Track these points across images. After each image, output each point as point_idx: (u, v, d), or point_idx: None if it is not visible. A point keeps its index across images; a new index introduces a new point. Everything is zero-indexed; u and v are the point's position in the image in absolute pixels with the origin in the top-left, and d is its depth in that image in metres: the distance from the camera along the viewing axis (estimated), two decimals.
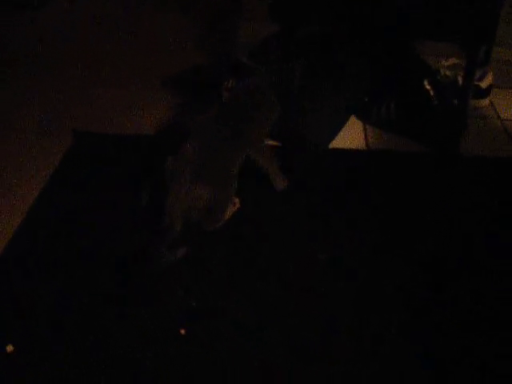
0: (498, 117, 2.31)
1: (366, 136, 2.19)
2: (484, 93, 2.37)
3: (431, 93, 2.23)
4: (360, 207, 1.84)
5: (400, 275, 1.59)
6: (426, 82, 2.24)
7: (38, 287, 1.56)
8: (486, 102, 2.38)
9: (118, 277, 1.57)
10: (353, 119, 2.26)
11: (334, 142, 2.14)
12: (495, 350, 1.41)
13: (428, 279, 1.58)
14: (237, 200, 1.81)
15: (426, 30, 2.14)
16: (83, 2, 3.30)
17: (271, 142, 2.05)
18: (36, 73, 2.61)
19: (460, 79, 2.20)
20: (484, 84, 2.36)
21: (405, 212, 1.83)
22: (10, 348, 1.39)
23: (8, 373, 1.35)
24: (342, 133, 2.19)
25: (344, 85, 2.20)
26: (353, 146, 2.13)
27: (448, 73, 2.29)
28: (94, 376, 1.34)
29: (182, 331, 1.43)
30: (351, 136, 2.18)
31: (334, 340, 1.42)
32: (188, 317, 1.47)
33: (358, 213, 1.81)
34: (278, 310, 1.49)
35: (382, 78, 2.25)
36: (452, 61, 2.36)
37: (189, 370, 1.36)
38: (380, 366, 1.37)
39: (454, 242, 1.70)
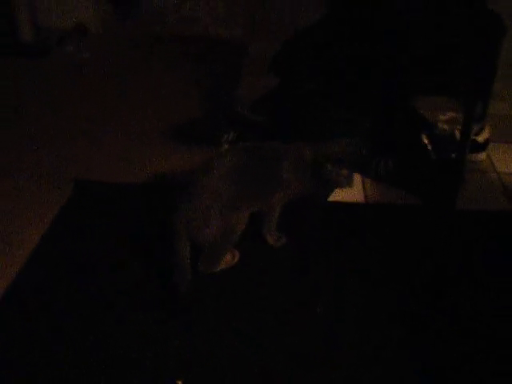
0: (495, 170, 2.33)
1: (364, 189, 2.21)
2: (481, 147, 2.40)
3: (429, 147, 2.26)
4: (357, 255, 1.87)
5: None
6: (423, 136, 2.27)
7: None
8: (483, 156, 2.41)
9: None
10: None
11: (332, 195, 2.15)
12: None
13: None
14: (237, 253, 1.80)
15: (424, 84, 2.19)
16: (88, 48, 3.39)
17: None
18: (41, 119, 2.66)
19: (457, 133, 2.23)
20: (481, 138, 2.39)
21: (400, 260, 1.86)
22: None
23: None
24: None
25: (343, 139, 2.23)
26: (351, 199, 2.14)
27: (445, 127, 2.32)
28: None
29: None
30: (350, 189, 2.19)
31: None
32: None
33: (356, 259, 1.86)
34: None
35: (380, 133, 2.28)
36: (449, 115, 2.39)
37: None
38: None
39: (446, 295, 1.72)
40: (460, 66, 2.13)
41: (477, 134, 2.37)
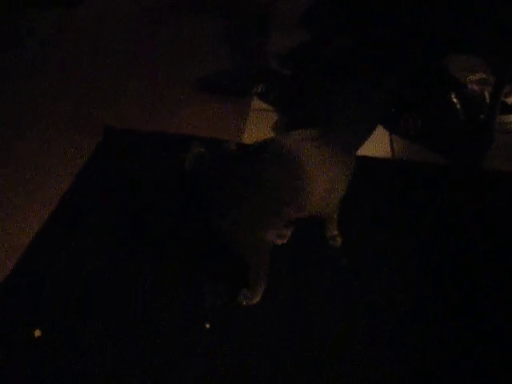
0: None
1: (391, 145, 2.21)
2: (510, 109, 2.39)
3: (458, 106, 2.25)
4: (381, 208, 1.89)
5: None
6: (452, 96, 2.26)
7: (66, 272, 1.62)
8: (511, 117, 2.40)
9: None
10: (380, 129, 2.29)
11: (360, 149, 2.16)
12: None
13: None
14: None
15: (455, 43, 2.17)
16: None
17: None
18: (73, 68, 2.69)
19: (487, 94, 2.22)
20: (511, 100, 2.38)
21: (422, 217, 1.86)
22: (37, 333, 1.44)
23: (34, 356, 1.40)
24: (368, 141, 2.21)
25: (373, 95, 2.23)
26: (379, 155, 2.15)
27: (475, 87, 2.30)
28: (115, 365, 1.39)
29: None
30: (377, 144, 2.21)
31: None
32: None
33: (380, 212, 1.87)
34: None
35: (410, 90, 2.28)
36: (479, 75, 2.37)
37: None
38: None
39: (468, 255, 1.73)
40: (493, 24, 2.11)
41: (507, 96, 2.36)
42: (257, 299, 1.55)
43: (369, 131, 2.21)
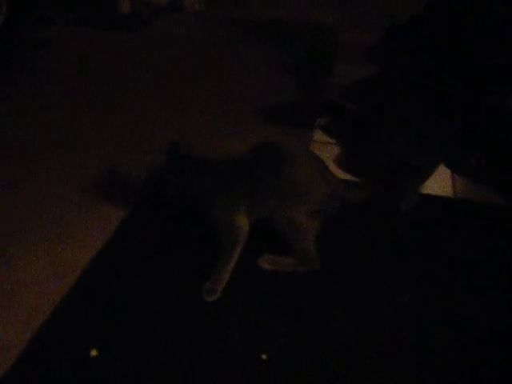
0: None
1: (453, 184, 2.20)
2: None
3: None
4: (442, 248, 1.87)
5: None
6: None
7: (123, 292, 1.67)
8: None
9: None
10: (442, 167, 2.29)
11: (423, 187, 2.17)
12: None
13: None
14: None
15: None
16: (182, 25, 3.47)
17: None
18: (132, 89, 2.79)
19: None
20: None
21: (483, 258, 1.84)
22: (94, 352, 1.48)
23: (90, 376, 1.43)
24: (430, 179, 2.21)
25: (439, 132, 2.23)
26: (440, 193, 2.15)
27: None
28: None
29: None
30: (439, 183, 2.20)
31: None
32: None
33: (440, 252, 1.86)
34: None
35: (474, 129, 2.26)
36: None
37: None
38: None
39: None
40: None
41: None
42: (217, 295, 1.60)
43: (432, 170, 2.21)
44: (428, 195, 2.13)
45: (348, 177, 2.17)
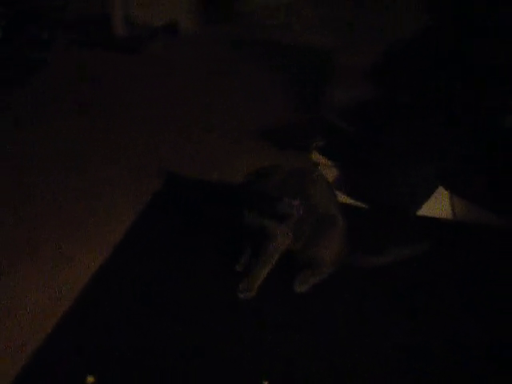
0: None
1: (452, 206, 2.19)
2: None
3: None
4: (440, 270, 1.86)
5: None
6: None
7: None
8: None
9: None
10: (440, 188, 2.27)
11: (421, 210, 2.16)
12: None
13: None
14: None
15: None
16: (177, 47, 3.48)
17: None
18: (129, 111, 2.78)
19: None
20: None
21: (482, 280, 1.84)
22: (90, 379, 1.45)
23: None
24: (428, 201, 2.20)
25: (436, 154, 2.22)
26: (439, 215, 2.14)
27: None
28: None
29: None
30: (438, 204, 2.19)
31: None
32: None
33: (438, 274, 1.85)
34: None
35: (473, 151, 2.26)
36: None
37: None
38: None
39: None
40: None
41: None
42: (253, 294, 1.71)
43: (430, 191, 2.20)
44: (426, 217, 2.12)
45: (346, 200, 2.17)
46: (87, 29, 3.62)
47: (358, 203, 2.16)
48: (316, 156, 2.40)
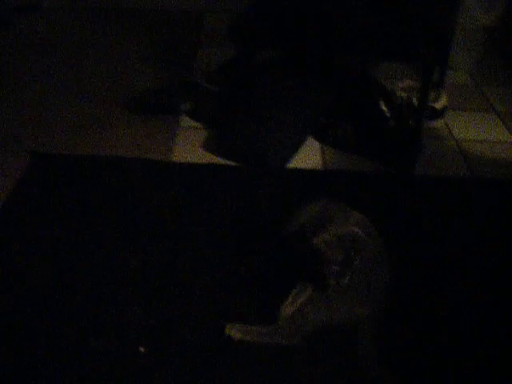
0: (453, 137, 2.34)
1: (323, 156, 2.19)
2: (439, 114, 2.41)
3: (387, 114, 2.25)
4: None
5: None
6: (381, 103, 2.27)
7: None
8: (440, 122, 2.42)
9: None
10: (310, 140, 2.27)
11: (291, 162, 2.15)
12: None
13: None
14: None
15: (382, 51, 2.17)
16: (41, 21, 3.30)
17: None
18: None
19: (415, 101, 2.24)
20: (438, 105, 2.40)
21: None
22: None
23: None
24: (299, 153, 2.19)
25: (302, 106, 2.22)
26: (310, 166, 2.13)
27: (403, 94, 2.32)
28: None
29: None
30: (308, 156, 2.19)
31: None
32: None
33: None
34: None
35: (339, 99, 2.27)
36: (407, 83, 2.39)
37: None
38: None
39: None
40: (418, 32, 2.12)
41: (434, 101, 2.38)
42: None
43: (299, 143, 2.20)
44: (297, 169, 2.11)
45: (217, 160, 2.12)
46: None
47: (230, 162, 2.11)
48: (184, 119, 2.34)
